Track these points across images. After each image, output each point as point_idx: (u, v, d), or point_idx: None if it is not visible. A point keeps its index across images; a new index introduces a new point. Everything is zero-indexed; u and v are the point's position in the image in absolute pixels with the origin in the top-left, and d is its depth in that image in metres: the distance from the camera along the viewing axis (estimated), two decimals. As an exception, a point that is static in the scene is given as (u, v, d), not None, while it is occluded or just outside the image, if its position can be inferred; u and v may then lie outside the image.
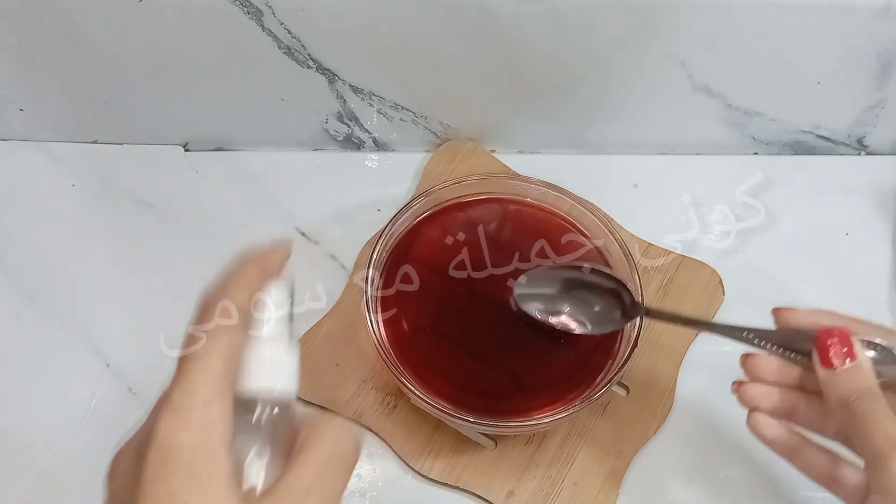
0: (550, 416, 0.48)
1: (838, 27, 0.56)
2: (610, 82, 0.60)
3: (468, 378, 0.51)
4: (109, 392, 0.55)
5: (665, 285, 0.59)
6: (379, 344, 0.50)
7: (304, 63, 0.59)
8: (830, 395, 0.39)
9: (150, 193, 0.63)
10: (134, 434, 0.30)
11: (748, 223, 0.63)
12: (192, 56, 0.58)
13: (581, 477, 0.53)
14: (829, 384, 0.39)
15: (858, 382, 0.38)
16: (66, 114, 0.63)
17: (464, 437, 0.53)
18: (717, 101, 0.62)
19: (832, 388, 0.39)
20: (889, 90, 0.61)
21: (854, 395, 0.38)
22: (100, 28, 0.56)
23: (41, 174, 0.64)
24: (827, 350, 0.39)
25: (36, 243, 0.61)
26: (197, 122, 0.64)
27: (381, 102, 0.62)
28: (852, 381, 0.38)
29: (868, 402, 0.37)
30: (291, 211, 0.62)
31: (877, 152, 0.67)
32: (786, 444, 0.41)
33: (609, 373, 0.50)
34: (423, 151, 0.66)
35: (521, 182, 0.56)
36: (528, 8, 0.54)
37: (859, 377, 0.38)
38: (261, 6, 0.54)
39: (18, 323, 0.58)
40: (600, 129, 0.65)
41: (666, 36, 0.57)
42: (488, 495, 0.52)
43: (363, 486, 0.53)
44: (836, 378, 0.39)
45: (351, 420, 0.54)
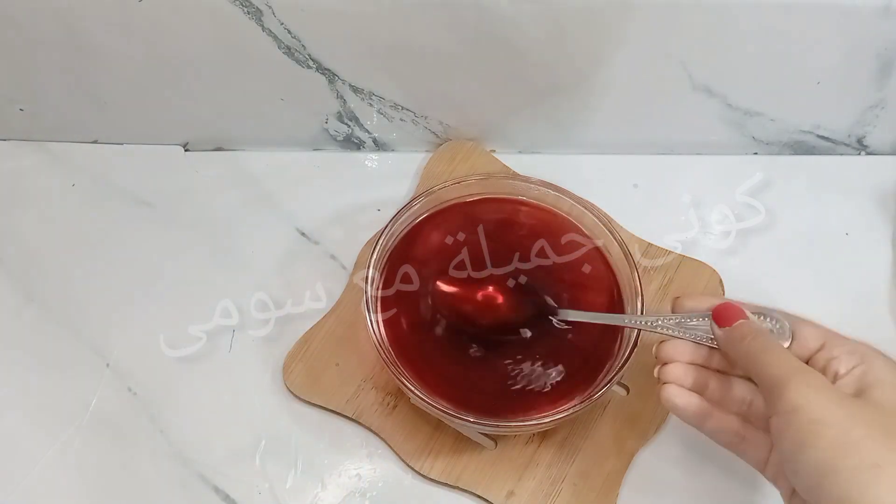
0: (550, 416, 0.48)
1: (838, 27, 0.56)
2: (610, 82, 0.60)
3: (468, 378, 0.51)
4: (109, 392, 0.55)
5: (665, 285, 0.59)
6: (379, 344, 0.50)
7: (304, 63, 0.59)
8: (729, 346, 0.44)
9: (150, 193, 0.63)
10: None
11: (748, 223, 0.63)
12: (192, 56, 0.58)
13: (581, 477, 0.53)
14: (725, 339, 0.44)
15: (751, 326, 0.43)
16: (66, 114, 0.63)
17: (464, 437, 0.53)
18: (717, 101, 0.62)
19: (728, 341, 0.44)
20: (889, 90, 0.61)
21: (749, 336, 0.43)
22: (100, 28, 0.56)
23: (41, 174, 0.64)
24: (721, 315, 0.44)
25: (36, 243, 0.61)
26: (197, 122, 0.64)
27: (381, 102, 0.62)
28: (746, 327, 0.43)
29: (760, 339, 0.42)
30: (291, 211, 0.62)
31: (877, 152, 0.67)
32: (695, 411, 0.45)
33: (609, 373, 0.50)
34: (423, 151, 0.66)
35: (521, 182, 0.56)
36: (528, 8, 0.54)
37: (750, 325, 0.43)
38: (261, 6, 0.54)
39: (18, 323, 0.58)
40: (600, 129, 0.65)
41: (666, 36, 0.57)
42: (488, 495, 0.52)
43: (363, 486, 0.53)
44: (731, 331, 0.43)
45: (351, 419, 0.54)
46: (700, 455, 0.54)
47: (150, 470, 0.53)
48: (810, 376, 0.39)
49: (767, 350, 0.41)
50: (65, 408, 0.55)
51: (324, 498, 0.52)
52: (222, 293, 0.58)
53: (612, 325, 0.51)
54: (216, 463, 0.53)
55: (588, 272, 0.54)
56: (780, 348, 0.42)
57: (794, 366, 0.40)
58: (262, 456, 0.53)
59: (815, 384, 0.39)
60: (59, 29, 0.56)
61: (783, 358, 0.41)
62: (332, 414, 0.54)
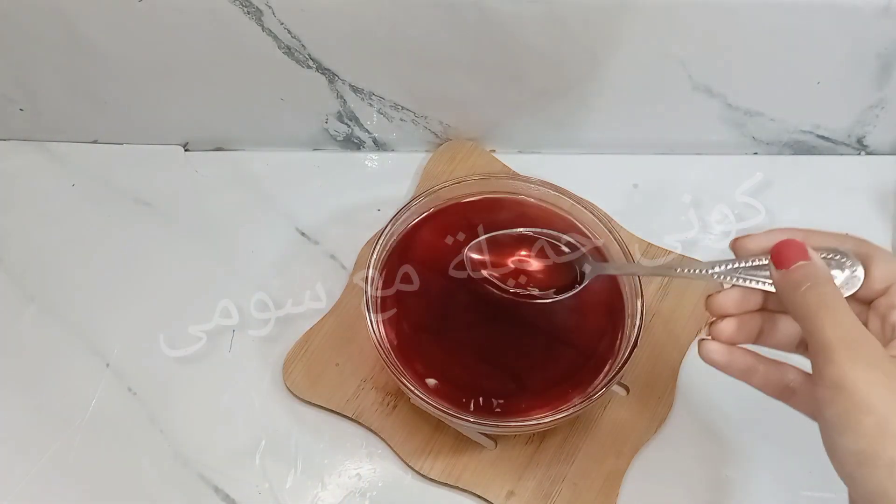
0: (550, 416, 0.48)
1: (838, 27, 0.56)
2: (610, 82, 0.60)
3: (468, 378, 0.51)
4: (109, 392, 0.55)
5: (665, 285, 0.59)
6: (379, 344, 0.50)
7: (304, 63, 0.59)
8: (785, 293, 0.39)
9: (150, 193, 0.63)
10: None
11: (748, 223, 0.62)
12: (192, 56, 0.58)
13: (581, 477, 0.53)
14: (783, 282, 0.39)
15: (812, 271, 0.38)
16: (66, 114, 0.63)
17: (464, 437, 0.53)
18: (717, 101, 0.62)
19: (786, 285, 0.39)
20: (889, 90, 0.61)
21: (806, 283, 0.38)
22: (100, 28, 0.56)
23: (41, 174, 0.64)
24: (780, 255, 0.39)
25: (36, 243, 0.61)
26: (197, 122, 0.64)
27: (381, 102, 0.62)
28: (806, 271, 0.38)
29: (820, 288, 0.38)
30: (291, 211, 0.62)
31: (877, 152, 0.67)
32: (740, 366, 0.42)
33: (609, 373, 0.50)
34: (423, 151, 0.66)
35: (521, 182, 0.56)
36: (528, 8, 0.54)
37: (812, 269, 0.38)
38: (261, 6, 0.54)
39: (18, 323, 0.58)
40: (600, 129, 0.65)
41: (666, 36, 0.57)
42: (488, 495, 0.52)
43: (363, 486, 0.53)
44: (789, 274, 0.39)
45: (351, 419, 0.54)
46: (700, 455, 0.54)
47: (150, 470, 0.53)
48: (862, 347, 0.36)
49: (824, 306, 0.37)
50: (65, 408, 0.55)
51: (324, 498, 0.52)
52: (222, 293, 0.58)
53: (613, 317, 0.51)
54: (216, 463, 0.53)
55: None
56: (839, 305, 0.37)
57: (848, 332, 0.36)
58: (262, 456, 0.53)
59: (865, 357, 0.35)
60: (59, 29, 0.56)
61: (838, 319, 0.36)
62: (332, 414, 0.54)
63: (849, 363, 0.35)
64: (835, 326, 0.36)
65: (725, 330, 0.42)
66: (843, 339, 0.36)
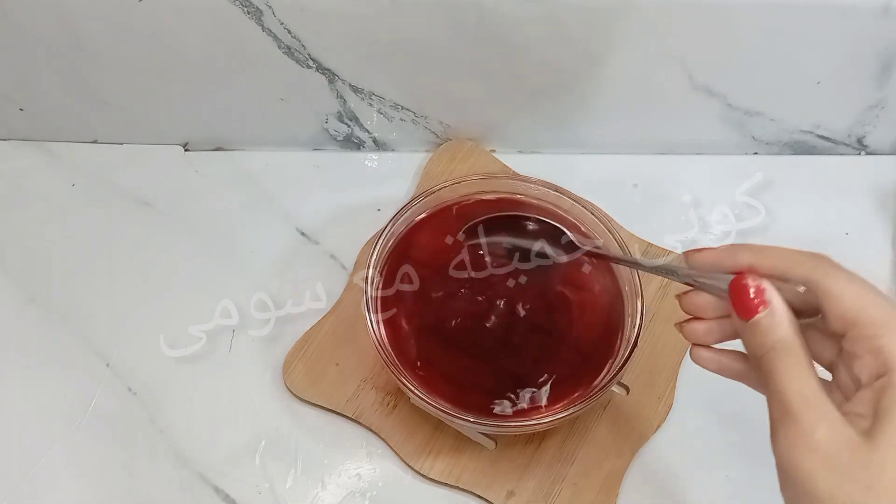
0: (550, 416, 0.48)
1: (838, 27, 0.56)
2: (610, 82, 0.60)
3: (468, 378, 0.51)
4: (109, 392, 0.55)
5: (665, 285, 0.59)
6: (379, 344, 0.50)
7: (304, 63, 0.59)
8: (748, 348, 0.38)
9: (150, 193, 0.63)
10: None
11: (748, 223, 0.63)
12: (192, 56, 0.58)
13: (581, 477, 0.53)
14: (745, 336, 0.38)
15: (771, 334, 0.36)
16: (66, 114, 0.63)
17: (464, 437, 0.53)
18: (717, 101, 0.62)
19: (748, 341, 0.38)
20: (889, 90, 0.61)
21: (765, 350, 0.36)
22: (100, 28, 0.56)
23: (41, 174, 0.64)
24: (739, 300, 0.37)
25: (36, 243, 0.61)
26: (197, 122, 0.64)
27: (381, 102, 0.62)
28: (765, 332, 0.37)
29: (779, 355, 0.36)
30: (291, 211, 0.63)
31: (877, 152, 0.67)
32: (731, 370, 0.41)
33: (609, 373, 0.50)
34: (423, 151, 0.66)
35: (521, 182, 0.56)
36: (528, 8, 0.54)
37: (772, 328, 0.36)
38: (261, 6, 0.54)
39: (18, 323, 0.58)
40: (600, 129, 0.65)
41: (666, 36, 0.57)
42: (488, 495, 0.52)
43: (363, 486, 0.53)
44: (750, 329, 0.37)
45: (351, 419, 0.54)
46: (700, 455, 0.54)
47: (150, 470, 0.53)
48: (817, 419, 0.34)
49: (783, 368, 0.35)
50: (65, 408, 0.55)
51: (324, 498, 0.52)
52: (222, 293, 0.58)
53: (613, 317, 0.52)
54: (216, 463, 0.53)
55: (588, 272, 0.53)
56: (798, 368, 0.36)
57: (805, 399, 0.35)
58: (262, 456, 0.53)
59: (818, 432, 0.34)
60: (59, 29, 0.56)
61: (796, 383, 0.35)
62: (332, 414, 0.55)
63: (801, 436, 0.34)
64: (792, 390, 0.35)
65: (695, 331, 0.42)
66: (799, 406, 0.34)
